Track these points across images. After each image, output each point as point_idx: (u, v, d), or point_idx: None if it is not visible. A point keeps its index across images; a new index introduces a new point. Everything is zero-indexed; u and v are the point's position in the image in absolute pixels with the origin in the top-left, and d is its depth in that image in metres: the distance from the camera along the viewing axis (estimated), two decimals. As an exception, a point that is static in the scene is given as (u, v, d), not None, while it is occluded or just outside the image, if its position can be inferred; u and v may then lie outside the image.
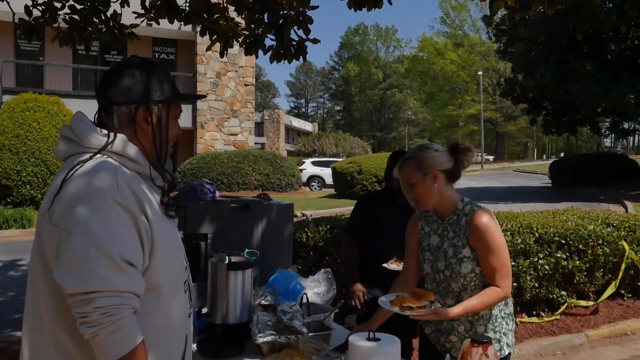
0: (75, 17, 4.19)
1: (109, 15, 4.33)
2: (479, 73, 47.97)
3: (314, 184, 24.63)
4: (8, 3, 3.70)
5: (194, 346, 2.20)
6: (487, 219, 2.07)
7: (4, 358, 4.09)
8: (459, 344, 2.15)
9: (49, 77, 19.32)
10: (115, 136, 1.41)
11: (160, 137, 1.48)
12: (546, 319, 4.87)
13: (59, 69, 18.99)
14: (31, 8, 4.06)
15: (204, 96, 1.64)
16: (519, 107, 28.48)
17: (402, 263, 2.87)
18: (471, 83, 55.50)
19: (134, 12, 4.20)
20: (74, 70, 19.59)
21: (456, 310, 1.99)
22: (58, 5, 4.09)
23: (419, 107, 71.34)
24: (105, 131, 1.42)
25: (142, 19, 4.28)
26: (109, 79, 1.46)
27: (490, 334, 2.16)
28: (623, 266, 5.12)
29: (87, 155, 1.37)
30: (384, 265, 2.96)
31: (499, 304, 2.15)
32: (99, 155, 1.38)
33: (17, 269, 7.78)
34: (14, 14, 4.11)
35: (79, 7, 4.14)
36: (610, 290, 5.11)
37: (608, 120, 22.10)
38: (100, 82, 1.49)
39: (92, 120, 1.48)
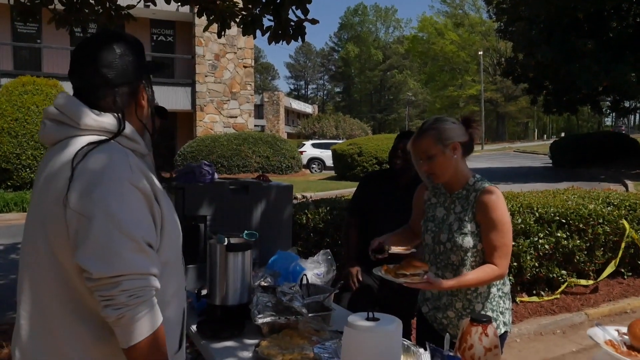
0: (71, -2, 4.14)
1: (104, -4, 4.27)
2: (480, 53, 47.65)
3: (314, 166, 24.62)
4: (2, -16, 3.65)
5: (194, 327, 2.21)
6: (495, 197, 2.08)
7: (7, 340, 4.12)
8: (456, 321, 2.17)
9: (47, 59, 19.21)
10: (123, 118, 1.39)
11: (154, 112, 1.49)
12: (546, 298, 4.89)
13: (57, 51, 18.86)
14: (26, -11, 4.01)
15: (168, 66, 1.62)
16: (520, 87, 28.34)
17: (404, 247, 2.88)
18: (471, 63, 55.17)
19: (129, -7, 4.15)
20: (71, 52, 19.42)
21: (450, 282, 2.01)
22: (53, -14, 4.04)
23: (419, 88, 71.00)
24: (97, 112, 1.37)
25: (138, 0, 4.23)
26: (95, 57, 1.39)
27: (488, 313, 2.17)
28: (623, 245, 5.13)
29: (91, 138, 1.34)
30: (374, 271, 2.96)
31: (497, 282, 2.16)
32: (103, 138, 1.35)
33: (18, 252, 7.80)
34: (9, -5, 4.06)
35: (74, -13, 4.08)
36: (610, 269, 5.13)
37: (609, 99, 21.99)
38: (82, 60, 1.42)
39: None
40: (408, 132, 3.22)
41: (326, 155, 23.42)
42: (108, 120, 1.37)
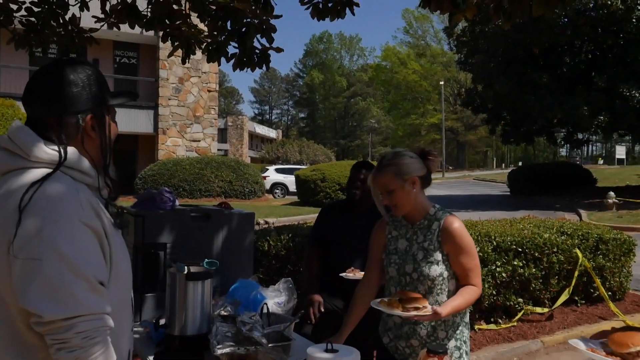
0: (32, 19, 4.09)
1: (67, 19, 4.23)
2: (441, 83, 48.90)
3: (277, 191, 24.56)
4: (-40, 4, 3.59)
5: (151, 358, 2.16)
6: (459, 224, 2.18)
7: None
8: (419, 349, 2.18)
9: (4, 79, 18.74)
10: (65, 150, 1.33)
11: (107, 143, 1.42)
12: (503, 326, 4.97)
13: (15, 71, 18.44)
14: (-15, 9, 3.95)
15: (136, 95, 1.55)
16: (479, 116, 29.20)
17: (360, 272, 2.90)
18: (433, 92, 56.56)
19: (93, 17, 4.12)
20: (30, 72, 19.02)
21: (446, 309, 2.02)
22: (14, 7, 3.98)
23: (382, 115, 72.20)
24: (51, 144, 1.33)
25: (102, 23, 4.21)
26: (45, 87, 1.36)
27: (452, 342, 2.21)
28: (576, 273, 5.28)
29: (38, 172, 1.29)
30: (342, 274, 2.97)
31: (460, 312, 2.20)
32: (48, 171, 1.29)
33: None
34: (-34, 15, 3.98)
35: (36, 9, 4.04)
36: (564, 297, 5.26)
37: (563, 130, 22.85)
38: (33, 89, 1.38)
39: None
40: (364, 162, 3.26)
41: (289, 180, 23.43)
42: (57, 152, 1.32)
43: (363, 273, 2.82)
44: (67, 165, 1.32)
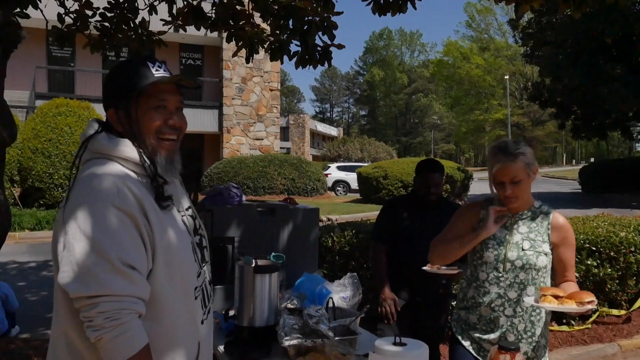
0: (106, 24, 4.28)
1: (137, 23, 4.41)
2: (506, 77, 47.40)
3: (339, 188, 24.61)
4: (41, 11, 3.80)
5: (221, 348, 2.22)
6: (565, 219, 2.23)
7: (37, 356, 4.19)
8: (517, 343, 2.12)
9: (80, 82, 19.77)
10: (108, 139, 1.43)
11: (133, 134, 1.44)
12: (577, 328, 4.77)
13: (90, 74, 19.40)
14: (63, 16, 4.16)
15: (177, 77, 1.50)
16: (547, 111, 28.07)
17: (439, 266, 2.86)
18: (497, 87, 54.90)
19: (161, 20, 4.27)
20: (103, 75, 19.98)
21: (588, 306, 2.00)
22: (89, 13, 4.18)
23: (445, 111, 70.85)
24: (106, 135, 1.44)
25: (169, 26, 4.35)
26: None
27: (542, 340, 2.21)
28: (656, 274, 4.99)
29: (93, 161, 1.41)
30: (424, 268, 2.93)
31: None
32: (97, 160, 1.41)
33: (49, 269, 7.96)
34: (47, 21, 4.22)
35: (109, 14, 4.23)
36: (642, 298, 4.99)
37: (640, 124, 21.63)
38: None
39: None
40: (436, 165, 3.19)
41: (351, 178, 23.42)
42: (100, 142, 1.44)
43: (443, 267, 2.79)
44: (109, 153, 1.41)
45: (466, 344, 2.27)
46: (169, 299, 1.39)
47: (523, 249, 2.16)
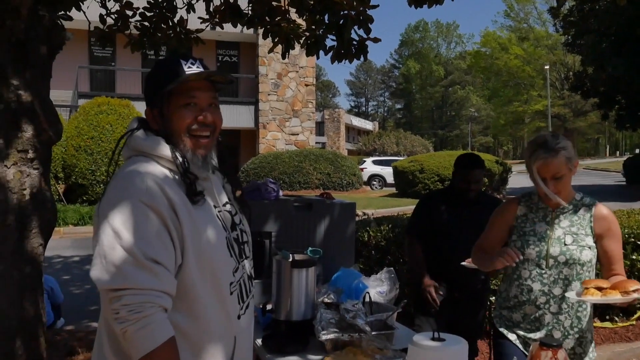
0: (146, 23, 4.37)
1: (176, 22, 4.48)
2: (546, 67, 46.20)
3: (374, 182, 24.52)
4: (84, 12, 3.90)
5: (259, 341, 2.25)
6: (609, 211, 2.20)
7: (81, 347, 4.33)
8: (562, 340, 2.10)
9: (120, 81, 20.25)
10: (144, 137, 1.47)
11: (166, 131, 1.47)
12: (621, 325, 4.64)
13: (129, 73, 19.85)
14: (105, 17, 4.27)
15: (211, 72, 1.51)
16: (589, 101, 27.26)
17: None
18: (537, 78, 53.55)
19: (199, 18, 4.34)
20: (142, 74, 20.41)
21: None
22: (129, 13, 4.28)
23: (482, 103, 69.55)
24: (142, 133, 1.48)
25: (206, 24, 4.41)
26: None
27: (587, 334, 2.17)
28: None
29: (132, 158, 1.46)
30: (463, 263, 2.90)
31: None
32: (135, 157, 1.45)
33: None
34: (89, 22, 4.33)
35: (148, 14, 4.31)
36: (691, 294, 4.81)
37: (689, 114, 20.75)
38: None
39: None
40: (475, 161, 3.13)
41: (387, 172, 23.29)
42: (138, 140, 1.48)
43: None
44: (145, 151, 1.45)
45: (512, 337, 2.24)
46: (201, 293, 1.41)
47: (565, 244, 2.12)
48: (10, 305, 2.31)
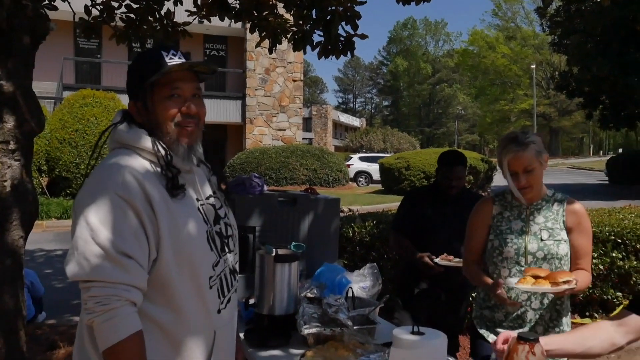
0: (132, 15, 4.33)
1: (162, 14, 4.45)
2: (532, 66, 46.60)
3: (361, 179, 24.57)
4: (69, 3, 3.86)
5: (241, 335, 2.25)
6: (581, 205, 2.22)
7: (63, 340, 4.31)
8: (543, 334, 2.12)
9: (106, 73, 20.04)
10: (126, 130, 1.47)
11: (151, 124, 1.47)
12: (600, 321, 4.71)
13: (115, 65, 19.64)
14: (90, 8, 4.23)
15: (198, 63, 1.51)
16: (574, 101, 27.55)
17: (452, 258, 2.88)
18: (524, 77, 54.00)
19: (186, 10, 4.31)
20: (128, 66, 20.20)
21: (580, 285, 2.06)
22: (115, 4, 4.24)
23: (469, 101, 70.00)
24: (125, 126, 1.48)
25: (194, 17, 4.39)
26: None
27: (565, 328, 2.21)
28: (684, 268, 4.89)
29: (116, 150, 1.46)
30: (436, 260, 2.95)
31: (568, 297, 2.20)
32: (118, 149, 1.46)
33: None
34: (74, 13, 4.29)
35: (134, 6, 4.28)
36: (669, 292, 4.90)
37: (671, 114, 21.05)
38: None
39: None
40: (458, 158, 3.17)
41: (373, 168, 23.34)
42: (120, 133, 1.49)
43: (455, 259, 2.81)
44: (126, 143, 1.45)
45: (492, 339, 2.26)
46: (178, 287, 1.40)
47: (542, 239, 2.15)
48: (-11, 298, 2.28)
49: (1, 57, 2.35)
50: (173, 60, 1.46)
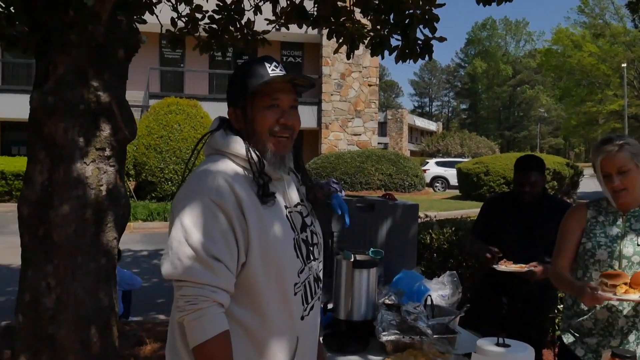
0: (214, 26, 4.50)
1: (243, 23, 4.59)
2: (623, 65, 43.82)
3: (437, 184, 24.12)
4: (157, 16, 4.07)
5: (320, 339, 2.27)
6: None
7: (149, 337, 4.52)
8: (634, 346, 2.03)
9: (188, 82, 20.93)
10: (223, 136, 1.52)
11: (248, 132, 1.51)
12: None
13: (197, 74, 20.49)
14: (176, 20, 4.44)
15: (298, 76, 1.55)
16: (671, 102, 25.64)
17: (512, 264, 2.78)
18: (613, 76, 50.87)
19: (265, 19, 4.42)
20: (210, 75, 21.01)
21: None
22: (199, 16, 4.42)
23: (553, 103, 66.85)
24: (222, 132, 1.53)
25: (273, 25, 4.49)
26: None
27: None
28: None
29: (211, 157, 1.51)
30: (494, 266, 2.86)
31: None
32: (213, 155, 1.51)
33: (160, 258, 8.53)
34: (161, 25, 4.51)
35: (217, 17, 4.44)
36: None
37: None
38: None
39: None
40: (534, 163, 3.05)
41: (450, 173, 22.87)
42: (217, 139, 1.53)
43: (514, 265, 2.72)
44: (221, 149, 1.50)
45: (580, 353, 2.15)
46: (265, 292, 1.44)
47: (639, 244, 2.05)
48: (87, 295, 2.44)
49: (98, 69, 2.52)
50: (275, 71, 1.51)
